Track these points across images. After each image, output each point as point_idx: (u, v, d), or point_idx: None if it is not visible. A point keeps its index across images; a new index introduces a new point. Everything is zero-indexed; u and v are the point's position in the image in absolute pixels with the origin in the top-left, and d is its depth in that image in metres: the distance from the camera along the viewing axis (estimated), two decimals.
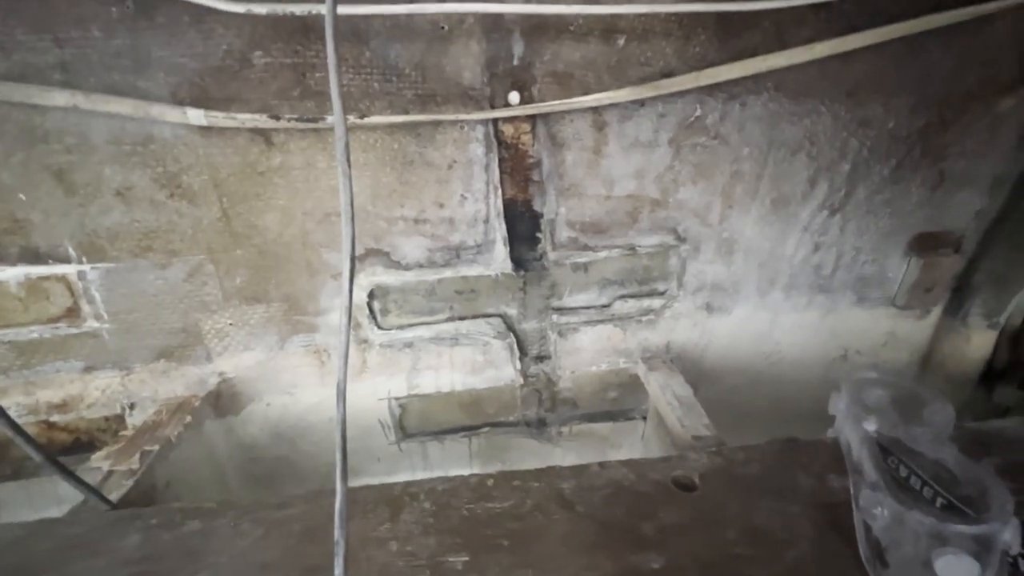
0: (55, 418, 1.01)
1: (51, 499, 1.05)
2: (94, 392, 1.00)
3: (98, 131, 0.84)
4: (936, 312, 1.28)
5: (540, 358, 1.18)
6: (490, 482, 0.76)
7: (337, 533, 0.48)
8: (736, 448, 0.84)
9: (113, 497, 0.77)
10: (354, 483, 0.72)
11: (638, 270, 1.11)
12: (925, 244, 1.18)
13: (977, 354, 1.26)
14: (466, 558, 0.65)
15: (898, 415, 0.75)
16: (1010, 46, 0.95)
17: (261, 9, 0.72)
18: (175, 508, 0.74)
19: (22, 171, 0.85)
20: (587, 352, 1.18)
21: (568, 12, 0.79)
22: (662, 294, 1.14)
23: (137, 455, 0.83)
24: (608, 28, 0.85)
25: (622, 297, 1.13)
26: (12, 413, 1.02)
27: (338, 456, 0.50)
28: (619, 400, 1.26)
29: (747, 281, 1.17)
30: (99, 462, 0.81)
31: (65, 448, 1.05)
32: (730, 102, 0.96)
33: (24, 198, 0.86)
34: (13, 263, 0.89)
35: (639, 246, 1.08)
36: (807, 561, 0.67)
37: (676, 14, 0.85)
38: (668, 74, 0.90)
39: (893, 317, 1.28)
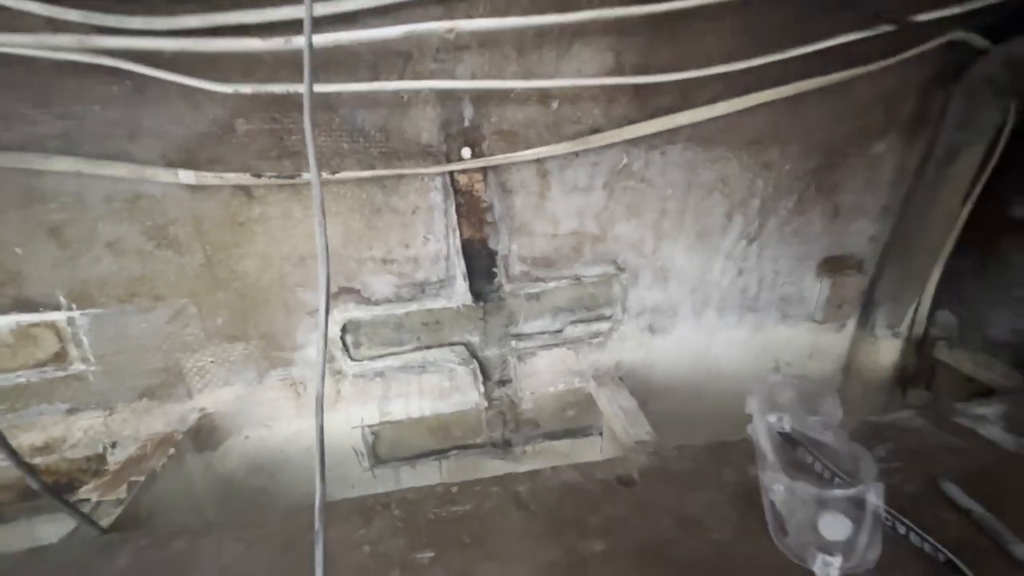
0: (37, 460, 1.05)
1: (28, 541, 1.07)
2: (77, 433, 1.05)
3: (93, 191, 0.93)
4: (850, 325, 1.45)
5: (502, 382, 1.29)
6: (454, 489, 0.85)
7: (317, 523, 0.56)
8: (671, 448, 0.96)
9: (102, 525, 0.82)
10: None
11: (585, 298, 1.25)
12: (832, 266, 1.36)
13: (886, 361, 1.43)
14: (432, 554, 0.74)
15: (802, 410, 0.89)
16: (874, 102, 1.16)
17: (246, 89, 0.85)
18: (163, 530, 0.81)
19: (19, 228, 0.93)
20: (545, 374, 1.30)
21: (507, 87, 0.95)
22: (608, 318, 1.28)
23: (124, 485, 0.89)
24: (544, 95, 1.01)
25: (573, 322, 1.26)
26: None
27: (317, 449, 0.59)
28: (577, 418, 1.37)
29: (683, 304, 1.32)
30: (87, 493, 0.87)
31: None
32: (652, 151, 1.12)
33: (20, 252, 0.94)
34: (6, 312, 0.96)
35: (584, 276, 1.22)
36: (730, 541, 0.78)
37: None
38: (597, 130, 1.06)
39: (814, 331, 1.44)
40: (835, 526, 0.68)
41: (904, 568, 0.71)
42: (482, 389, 1.26)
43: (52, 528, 1.05)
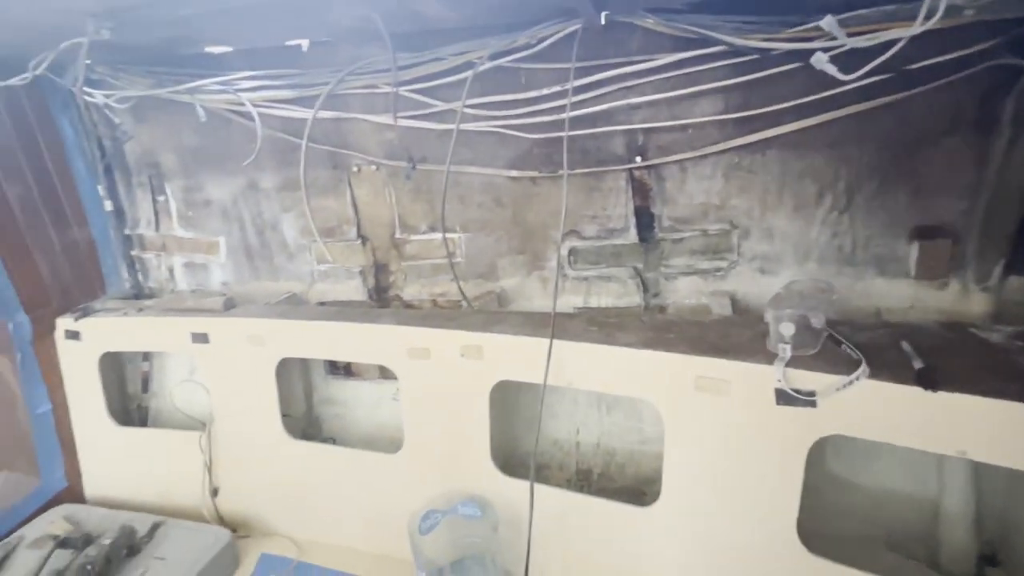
0: (438, 299, 2.41)
1: None
2: (455, 287, 2.36)
3: (475, 181, 2.21)
4: (951, 282, 1.83)
5: (655, 294, 2.16)
6: (612, 312, 1.80)
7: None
8: (736, 316, 1.71)
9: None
10: None
11: (711, 244, 2.03)
12: (923, 233, 1.80)
13: (978, 311, 1.76)
14: (595, 328, 1.71)
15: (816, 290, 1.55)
16: (938, 110, 1.64)
17: (538, 136, 1.98)
18: (496, 308, 1.99)
19: (450, 197, 2.27)
20: (683, 291, 2.12)
21: (660, 125, 1.86)
22: (726, 259, 2.02)
23: (477, 303, 2.12)
24: (682, 126, 1.88)
25: (702, 259, 2.05)
26: (421, 297, 2.47)
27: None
28: None
29: (786, 254, 1.96)
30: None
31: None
32: (755, 153, 1.86)
33: (448, 207, 2.28)
34: (439, 232, 2.32)
35: (709, 230, 2.00)
36: (746, 343, 1.52)
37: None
38: (715, 143, 1.87)
39: (913, 286, 1.87)
40: (787, 328, 1.39)
41: (829, 356, 1.36)
42: (643, 296, 2.16)
43: None
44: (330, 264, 2.50)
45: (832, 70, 1.20)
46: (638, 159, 1.97)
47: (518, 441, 2.22)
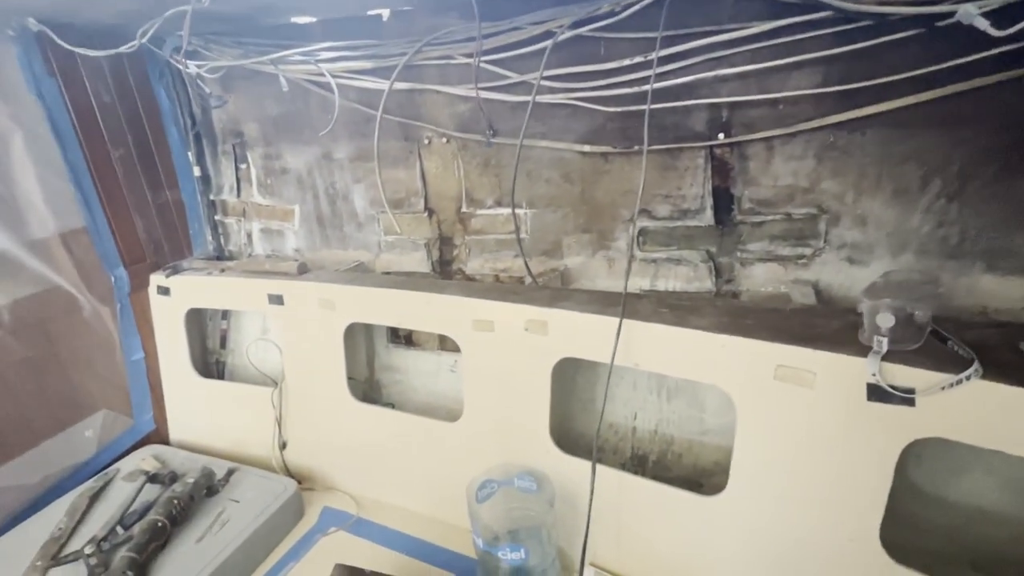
0: (500, 275, 2.42)
1: None
2: (517, 263, 2.35)
3: (544, 156, 2.17)
4: None
5: (728, 280, 2.06)
6: (684, 295, 1.73)
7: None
8: (821, 307, 1.60)
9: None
10: None
11: (794, 230, 1.90)
12: None
13: None
14: (666, 310, 1.65)
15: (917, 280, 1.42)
16: None
17: (615, 109, 1.92)
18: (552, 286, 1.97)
19: (519, 172, 2.25)
20: (759, 279, 2.01)
21: (749, 99, 1.75)
22: (811, 246, 1.89)
23: (542, 278, 2.10)
24: (772, 100, 1.76)
25: (783, 245, 1.93)
26: (484, 271, 2.47)
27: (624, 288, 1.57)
28: None
29: (879, 244, 1.81)
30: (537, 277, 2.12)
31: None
32: (853, 132, 1.71)
33: (517, 184, 2.26)
34: (505, 207, 2.31)
35: (794, 214, 1.88)
36: (832, 334, 1.43)
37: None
38: (808, 119, 1.74)
39: None
40: (885, 320, 1.28)
41: (932, 353, 1.25)
42: (714, 281, 2.06)
43: None
44: (397, 235, 2.56)
45: (984, 25, 1.07)
46: (720, 136, 1.87)
47: (572, 420, 2.21)
